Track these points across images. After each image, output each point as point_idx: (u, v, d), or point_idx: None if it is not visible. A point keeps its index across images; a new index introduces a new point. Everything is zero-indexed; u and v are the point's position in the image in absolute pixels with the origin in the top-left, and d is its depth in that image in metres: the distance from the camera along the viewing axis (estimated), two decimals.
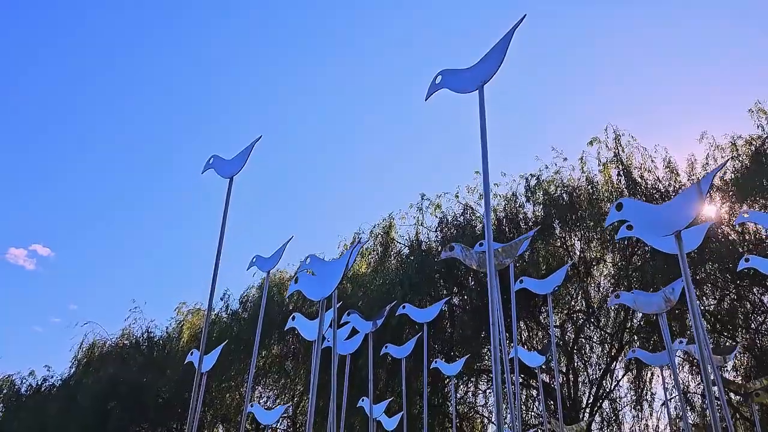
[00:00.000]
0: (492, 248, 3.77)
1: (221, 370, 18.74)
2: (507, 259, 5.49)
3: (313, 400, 5.18)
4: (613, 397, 16.63)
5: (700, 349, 3.52)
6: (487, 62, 3.86)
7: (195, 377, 5.73)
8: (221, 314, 20.07)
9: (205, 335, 5.90)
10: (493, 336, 3.55)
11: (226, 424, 20.46)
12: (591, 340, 16.34)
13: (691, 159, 15.07)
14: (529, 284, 7.30)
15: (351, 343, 7.20)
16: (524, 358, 8.15)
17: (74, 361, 21.15)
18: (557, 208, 15.48)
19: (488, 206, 3.85)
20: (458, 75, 4.02)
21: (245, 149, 5.56)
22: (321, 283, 4.68)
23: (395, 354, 8.35)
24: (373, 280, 16.19)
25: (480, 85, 3.87)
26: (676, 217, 3.70)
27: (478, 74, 3.88)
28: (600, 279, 15.99)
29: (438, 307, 7.83)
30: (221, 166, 5.69)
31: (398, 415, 8.79)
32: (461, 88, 3.99)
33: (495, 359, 3.62)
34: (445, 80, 4.08)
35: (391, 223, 17.39)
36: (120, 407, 18.69)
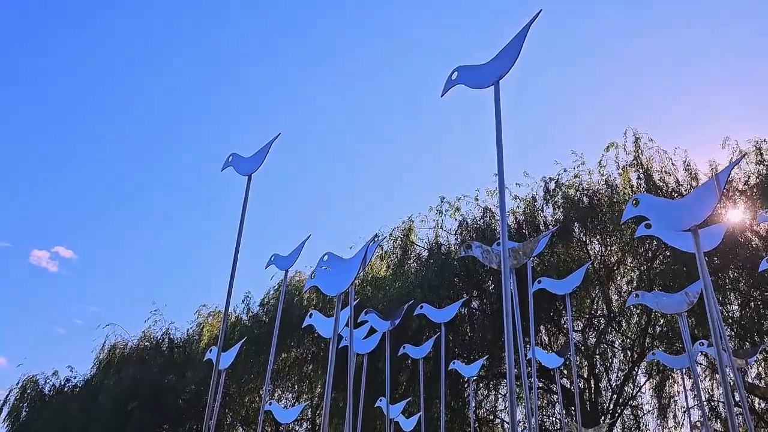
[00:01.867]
0: (507, 242, 3.78)
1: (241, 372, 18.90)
2: (524, 257, 5.49)
3: (328, 395, 5.20)
4: (635, 404, 16.48)
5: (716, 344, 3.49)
6: (503, 57, 3.88)
7: (213, 373, 5.79)
8: (242, 316, 20.22)
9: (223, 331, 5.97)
10: (507, 330, 3.54)
11: (245, 426, 20.59)
12: (612, 346, 16.19)
13: (713, 164, 14.90)
14: (548, 284, 7.29)
15: (369, 342, 7.23)
16: (542, 359, 8.11)
17: (96, 362, 21.44)
18: (577, 211, 15.37)
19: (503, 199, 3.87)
20: (474, 71, 4.05)
21: (264, 147, 5.63)
22: (338, 278, 4.72)
23: (413, 354, 8.36)
24: (393, 283, 16.20)
25: (495, 80, 3.89)
26: (693, 211, 3.67)
27: (493, 70, 3.90)
28: (621, 283, 15.85)
29: (455, 308, 7.84)
30: (240, 164, 5.77)
31: (416, 416, 8.79)
32: (477, 83, 4.02)
33: (509, 353, 3.63)
34: (461, 76, 4.11)
35: (411, 225, 17.41)
36: (141, 408, 18.87)
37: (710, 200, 3.65)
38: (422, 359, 8.39)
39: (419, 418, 8.36)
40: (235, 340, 19.40)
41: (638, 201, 3.93)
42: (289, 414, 8.14)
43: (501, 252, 3.97)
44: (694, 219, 3.68)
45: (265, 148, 5.60)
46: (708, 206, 3.68)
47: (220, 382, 7.43)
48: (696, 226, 3.71)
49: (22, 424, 21.50)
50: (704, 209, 3.67)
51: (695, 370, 6.30)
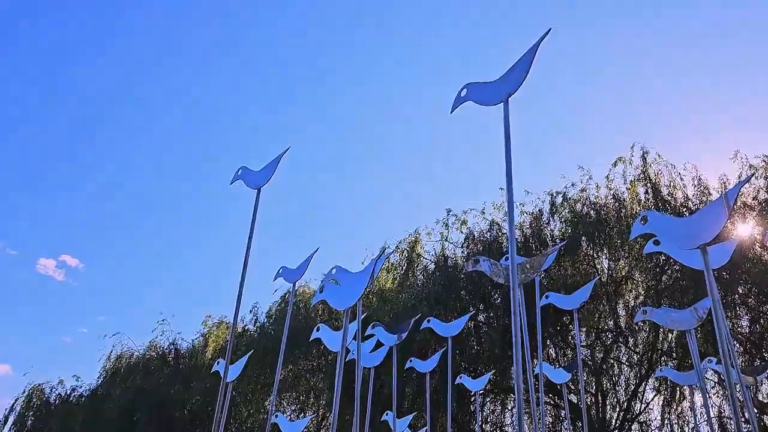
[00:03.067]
0: (515, 258, 3.79)
1: (247, 383, 18.90)
2: (533, 272, 5.48)
3: (336, 408, 5.21)
4: (642, 420, 16.34)
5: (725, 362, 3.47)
6: (512, 75, 3.90)
7: (220, 386, 5.81)
8: (249, 327, 20.25)
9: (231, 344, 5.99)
10: (516, 345, 3.55)
11: None
12: (620, 361, 16.08)
13: (723, 178, 14.85)
14: (556, 299, 7.28)
15: (375, 356, 7.22)
16: (550, 375, 8.08)
17: (102, 371, 21.47)
18: (584, 226, 15.34)
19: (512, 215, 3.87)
20: (483, 87, 4.07)
21: (273, 161, 5.67)
22: (346, 292, 4.73)
23: (420, 368, 8.34)
24: (399, 296, 16.18)
25: (505, 97, 3.91)
26: (702, 230, 3.66)
27: (503, 87, 3.92)
28: (629, 298, 15.76)
29: (462, 322, 7.83)
30: (249, 178, 5.81)
31: (422, 430, 8.76)
32: (486, 100, 4.03)
33: (517, 367, 3.63)
34: (470, 93, 4.13)
35: (417, 238, 17.41)
36: (146, 418, 18.89)
37: (719, 218, 3.65)
38: (429, 373, 8.36)
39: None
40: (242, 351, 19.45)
41: (646, 218, 3.92)
42: (296, 427, 8.13)
43: (510, 267, 3.98)
44: (702, 237, 3.67)
45: (274, 161, 5.63)
46: (717, 225, 3.67)
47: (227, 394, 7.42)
48: (705, 244, 3.71)
49: None
50: (713, 228, 3.67)
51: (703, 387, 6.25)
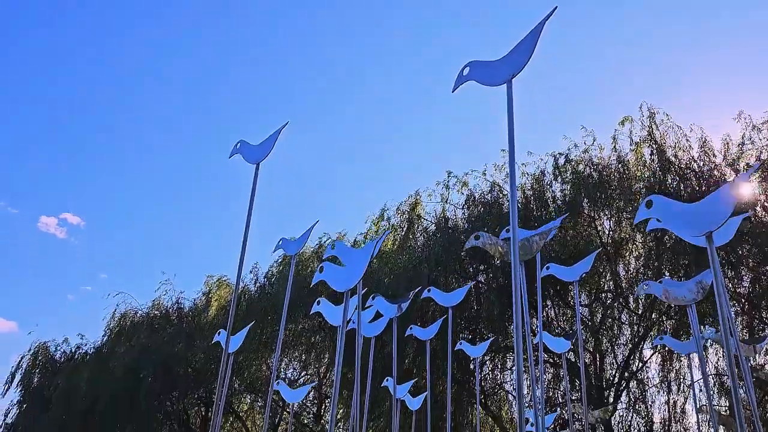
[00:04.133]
0: (517, 242, 3.72)
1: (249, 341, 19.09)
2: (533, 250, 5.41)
3: (337, 385, 5.24)
4: (640, 378, 16.55)
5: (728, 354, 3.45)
6: (516, 55, 3.75)
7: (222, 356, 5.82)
8: (249, 286, 20.38)
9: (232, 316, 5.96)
10: (517, 329, 3.52)
11: (253, 394, 20.89)
12: (619, 321, 16.19)
13: (727, 139, 14.68)
14: (556, 271, 7.25)
15: (376, 326, 7.24)
16: (550, 344, 8.12)
17: (107, 330, 21.75)
18: (586, 187, 15.22)
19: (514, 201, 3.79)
20: (486, 67, 3.93)
21: (272, 135, 5.55)
22: (346, 274, 4.68)
23: (420, 336, 8.38)
24: (399, 257, 16.21)
25: (508, 78, 3.78)
26: (709, 217, 3.58)
27: (506, 67, 3.78)
28: (630, 259, 15.77)
29: (463, 292, 7.82)
30: (248, 152, 5.70)
31: (422, 396, 8.87)
32: (489, 80, 3.90)
33: (518, 353, 3.60)
34: (473, 72, 4.00)
35: (417, 200, 17.34)
36: (151, 376, 19.19)
37: (726, 207, 3.57)
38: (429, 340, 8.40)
39: (425, 398, 8.43)
40: (242, 310, 19.66)
41: (651, 202, 3.84)
42: (297, 394, 8.22)
43: (511, 248, 3.90)
44: (709, 226, 3.59)
45: (273, 136, 5.52)
46: (724, 213, 3.59)
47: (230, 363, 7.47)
48: (710, 232, 3.64)
49: (34, 390, 21.91)
50: (720, 216, 3.59)
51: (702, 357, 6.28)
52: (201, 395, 20.19)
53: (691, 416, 15.80)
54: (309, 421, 20.38)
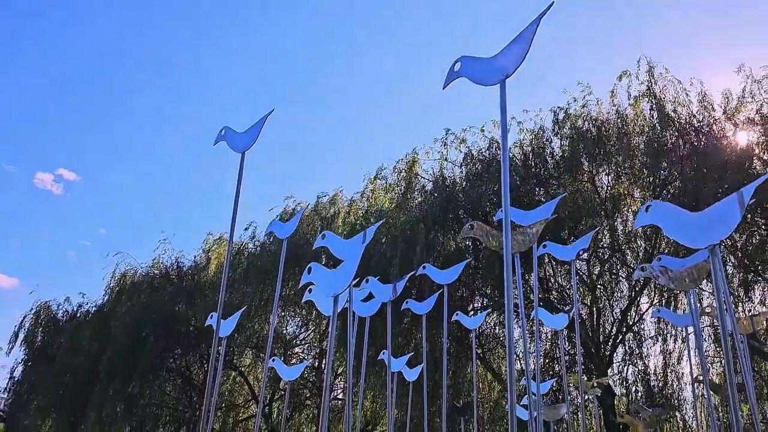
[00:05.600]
0: (510, 235, 3.57)
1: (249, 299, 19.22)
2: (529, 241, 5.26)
3: (329, 365, 5.19)
4: (636, 330, 16.69)
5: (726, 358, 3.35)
6: (510, 54, 3.53)
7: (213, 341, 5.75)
8: (247, 244, 20.37)
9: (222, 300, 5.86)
10: (509, 322, 3.39)
11: (255, 350, 21.13)
12: (617, 276, 16.21)
13: (727, 93, 14.41)
14: (553, 249, 7.14)
15: (369, 306, 7.16)
16: (547, 321, 8.08)
17: (107, 289, 21.83)
18: (585, 143, 15.02)
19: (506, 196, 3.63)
20: (479, 64, 3.72)
21: (257, 123, 5.33)
22: (335, 277, 4.55)
23: (416, 310, 8.33)
24: (397, 216, 16.09)
25: (502, 79, 3.57)
26: (712, 229, 3.42)
27: (500, 67, 3.57)
28: (628, 215, 15.68)
29: (458, 270, 7.73)
30: (233, 139, 5.49)
31: (419, 367, 8.90)
32: (481, 80, 3.71)
33: (509, 343, 3.51)
34: (465, 69, 3.78)
35: (415, 158, 17.11)
36: (153, 334, 19.36)
37: (731, 219, 3.40)
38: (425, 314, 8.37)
39: (422, 370, 8.47)
40: (241, 268, 19.69)
41: (650, 207, 3.67)
42: (292, 371, 8.23)
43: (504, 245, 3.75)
44: (712, 239, 3.44)
45: (258, 123, 5.30)
46: (729, 225, 3.43)
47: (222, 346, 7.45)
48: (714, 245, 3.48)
49: (38, 348, 22.14)
50: (725, 227, 3.43)
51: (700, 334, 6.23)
52: (202, 352, 20.40)
53: (685, 366, 16.03)
54: (310, 374, 20.67)
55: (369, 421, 18.85)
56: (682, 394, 15.68)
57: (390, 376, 8.02)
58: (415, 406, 10.21)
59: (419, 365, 8.73)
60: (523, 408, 8.59)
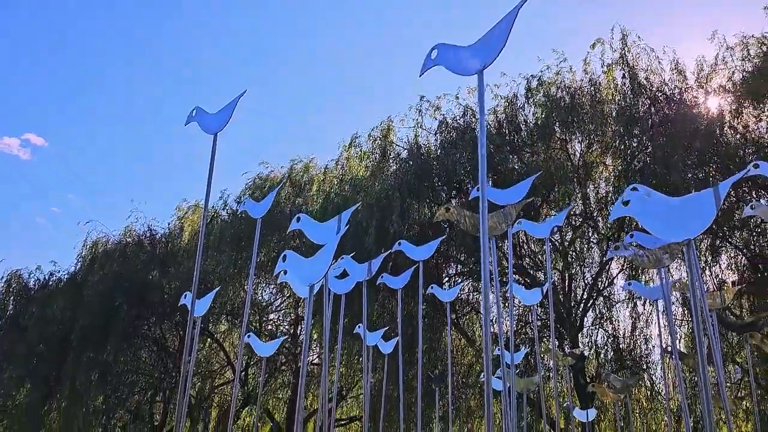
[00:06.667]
0: (486, 220, 3.56)
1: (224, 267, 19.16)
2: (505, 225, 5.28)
3: (306, 344, 5.22)
4: (607, 294, 17.02)
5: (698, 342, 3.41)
6: (488, 44, 3.48)
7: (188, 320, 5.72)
8: (220, 212, 20.20)
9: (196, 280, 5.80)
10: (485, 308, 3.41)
11: (231, 317, 21.13)
12: (588, 242, 16.43)
13: (700, 60, 14.50)
14: (528, 227, 7.19)
15: (345, 283, 7.15)
16: (521, 297, 8.18)
17: (79, 258, 21.57)
18: (558, 110, 15.06)
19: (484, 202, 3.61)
20: (456, 54, 3.66)
21: (229, 104, 5.21)
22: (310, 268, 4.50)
23: (391, 284, 8.37)
24: (372, 185, 16.03)
25: (479, 69, 3.51)
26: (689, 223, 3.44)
27: (477, 57, 3.51)
28: (599, 182, 15.83)
29: (434, 247, 7.75)
30: (205, 121, 5.35)
31: (394, 340, 8.99)
32: (458, 70, 3.66)
33: (486, 333, 3.54)
34: (441, 57, 3.72)
35: (390, 125, 16.99)
36: (126, 303, 19.21)
37: (707, 215, 3.42)
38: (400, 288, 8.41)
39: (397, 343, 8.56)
40: (215, 236, 19.54)
41: (629, 201, 3.67)
42: (268, 347, 8.24)
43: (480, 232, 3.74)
44: (687, 233, 3.46)
45: (230, 105, 5.18)
46: (705, 220, 3.45)
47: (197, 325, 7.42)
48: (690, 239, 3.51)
49: (10, 318, 21.88)
50: (701, 222, 3.45)
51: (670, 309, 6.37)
52: (177, 320, 20.35)
53: (653, 328, 16.43)
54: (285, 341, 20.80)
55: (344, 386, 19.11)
56: (651, 357, 16.13)
57: (366, 349, 8.10)
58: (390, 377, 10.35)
59: (395, 338, 8.81)
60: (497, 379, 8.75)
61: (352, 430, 21.19)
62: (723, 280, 15.09)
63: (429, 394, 12.78)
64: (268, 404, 20.82)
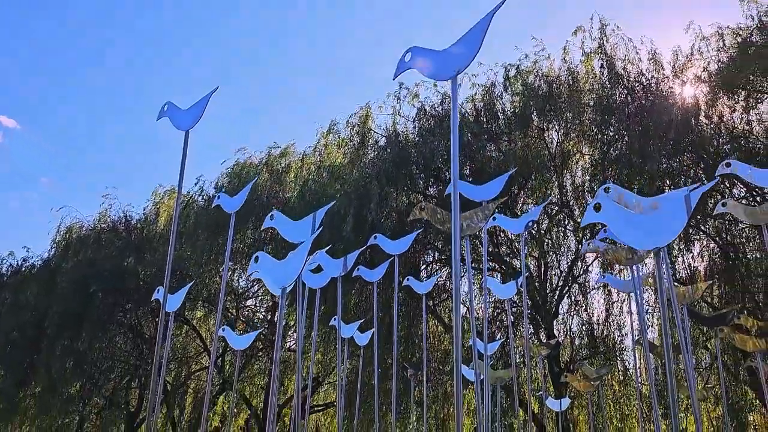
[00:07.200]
0: (458, 217, 3.54)
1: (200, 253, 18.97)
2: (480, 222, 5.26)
3: (279, 340, 5.20)
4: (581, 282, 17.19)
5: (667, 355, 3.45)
6: (462, 48, 3.45)
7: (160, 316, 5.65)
8: (196, 198, 20.01)
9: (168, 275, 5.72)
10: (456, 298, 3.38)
11: (208, 303, 20.99)
12: (564, 230, 16.56)
13: (676, 51, 14.61)
14: (502, 222, 7.19)
15: (320, 278, 7.12)
16: (495, 290, 8.21)
17: (53, 243, 21.26)
18: (536, 99, 15.09)
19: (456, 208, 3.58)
20: (430, 57, 3.63)
21: (201, 101, 5.11)
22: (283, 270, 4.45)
23: (367, 277, 8.34)
24: (351, 172, 15.96)
25: (453, 75, 3.48)
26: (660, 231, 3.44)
27: (451, 61, 3.48)
28: (576, 171, 15.92)
29: (409, 240, 7.71)
30: (176, 117, 5.25)
31: (369, 332, 8.99)
32: (432, 73, 3.65)
33: (456, 324, 3.53)
34: (415, 61, 3.67)
35: (368, 112, 16.90)
36: (101, 290, 18.99)
37: (677, 223, 3.44)
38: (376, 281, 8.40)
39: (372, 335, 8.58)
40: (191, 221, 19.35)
41: (600, 206, 3.67)
42: (243, 340, 8.20)
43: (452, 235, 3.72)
44: (657, 242, 3.47)
45: (202, 101, 5.08)
46: (674, 230, 3.47)
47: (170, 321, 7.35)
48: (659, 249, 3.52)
49: None
50: (671, 231, 3.47)
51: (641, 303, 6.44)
52: (153, 306, 20.16)
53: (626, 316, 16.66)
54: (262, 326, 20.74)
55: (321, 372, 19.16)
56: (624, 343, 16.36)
57: (340, 342, 8.10)
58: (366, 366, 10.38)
59: (371, 330, 8.81)
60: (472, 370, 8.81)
61: (329, 415, 21.24)
62: (695, 268, 15.34)
63: (405, 381, 12.85)
64: (245, 391, 20.79)
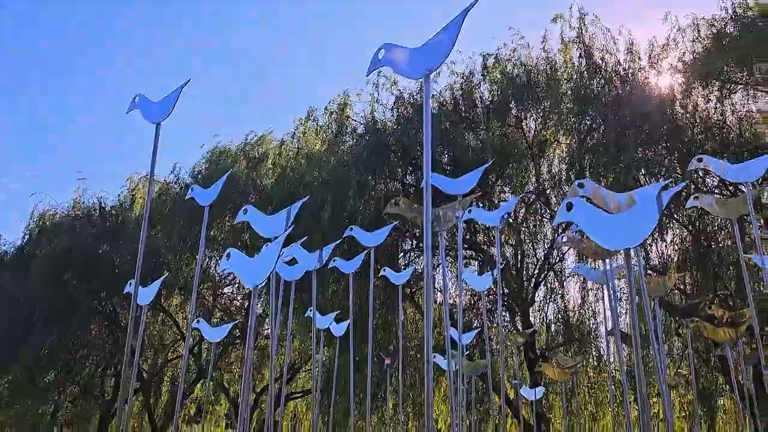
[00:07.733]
0: (430, 209, 3.52)
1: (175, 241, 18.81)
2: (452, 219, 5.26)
3: (250, 339, 5.18)
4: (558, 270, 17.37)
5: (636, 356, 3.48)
6: (435, 47, 3.45)
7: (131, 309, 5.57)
8: (172, 185, 19.83)
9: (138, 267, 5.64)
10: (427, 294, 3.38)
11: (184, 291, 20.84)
12: (541, 218, 16.69)
13: (653, 41, 14.73)
14: (478, 215, 7.19)
15: (295, 270, 7.09)
16: (472, 283, 8.26)
17: (26, 230, 20.96)
18: (514, 88, 15.12)
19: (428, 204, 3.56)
20: (403, 55, 3.63)
21: (172, 93, 5.01)
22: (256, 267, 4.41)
23: (343, 269, 8.32)
24: (329, 160, 15.88)
25: (425, 73, 3.49)
26: (631, 232, 3.47)
27: (423, 60, 3.49)
28: (553, 159, 16.03)
29: (385, 233, 7.71)
30: (147, 109, 5.15)
31: (345, 323, 9.00)
32: (405, 72, 3.68)
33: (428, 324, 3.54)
34: (388, 59, 3.67)
35: (346, 100, 16.81)
36: (76, 277, 18.77)
37: (648, 222, 3.46)
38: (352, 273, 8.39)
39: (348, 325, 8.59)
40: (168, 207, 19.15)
41: (571, 205, 3.69)
42: (217, 333, 8.16)
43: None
44: (628, 242, 3.50)
45: (173, 94, 4.98)
46: (645, 229, 3.49)
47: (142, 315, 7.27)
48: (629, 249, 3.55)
49: None
50: (641, 232, 3.49)
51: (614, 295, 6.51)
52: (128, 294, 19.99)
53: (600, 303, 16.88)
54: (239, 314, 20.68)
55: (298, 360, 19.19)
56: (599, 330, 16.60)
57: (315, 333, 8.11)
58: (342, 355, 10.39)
59: (347, 321, 8.81)
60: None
61: (306, 402, 21.32)
62: (669, 257, 15.57)
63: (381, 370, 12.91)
64: (222, 378, 20.76)
